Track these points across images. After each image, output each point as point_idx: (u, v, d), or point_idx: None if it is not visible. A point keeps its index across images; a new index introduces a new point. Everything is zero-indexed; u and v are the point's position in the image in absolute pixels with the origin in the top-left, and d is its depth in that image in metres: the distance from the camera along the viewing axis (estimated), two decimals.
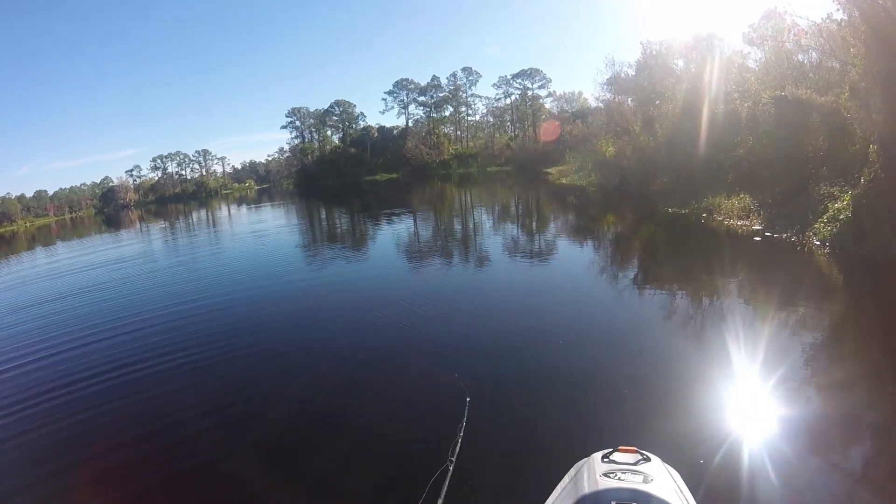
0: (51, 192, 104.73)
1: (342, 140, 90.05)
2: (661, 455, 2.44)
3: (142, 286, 13.95)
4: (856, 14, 9.18)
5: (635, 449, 2.40)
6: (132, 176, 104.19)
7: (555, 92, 75.96)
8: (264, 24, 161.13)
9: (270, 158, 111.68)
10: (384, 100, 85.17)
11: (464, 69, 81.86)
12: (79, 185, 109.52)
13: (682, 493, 2.19)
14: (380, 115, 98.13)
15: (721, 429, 4.24)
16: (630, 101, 25.66)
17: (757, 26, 17.50)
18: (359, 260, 14.75)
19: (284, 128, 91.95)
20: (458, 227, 19.93)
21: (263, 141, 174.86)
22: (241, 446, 4.93)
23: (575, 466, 2.51)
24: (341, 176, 78.50)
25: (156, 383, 6.70)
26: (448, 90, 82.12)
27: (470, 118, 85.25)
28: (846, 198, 10.31)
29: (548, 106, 73.45)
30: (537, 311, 8.26)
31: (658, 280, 9.65)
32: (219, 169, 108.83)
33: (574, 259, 12.09)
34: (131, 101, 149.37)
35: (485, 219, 22.36)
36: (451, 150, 78.10)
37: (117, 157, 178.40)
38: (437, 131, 79.85)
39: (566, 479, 2.47)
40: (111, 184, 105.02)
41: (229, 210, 50.13)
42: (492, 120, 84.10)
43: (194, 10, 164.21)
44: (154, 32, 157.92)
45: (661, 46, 22.72)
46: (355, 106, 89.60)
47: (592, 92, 57.24)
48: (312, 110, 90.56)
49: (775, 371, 5.09)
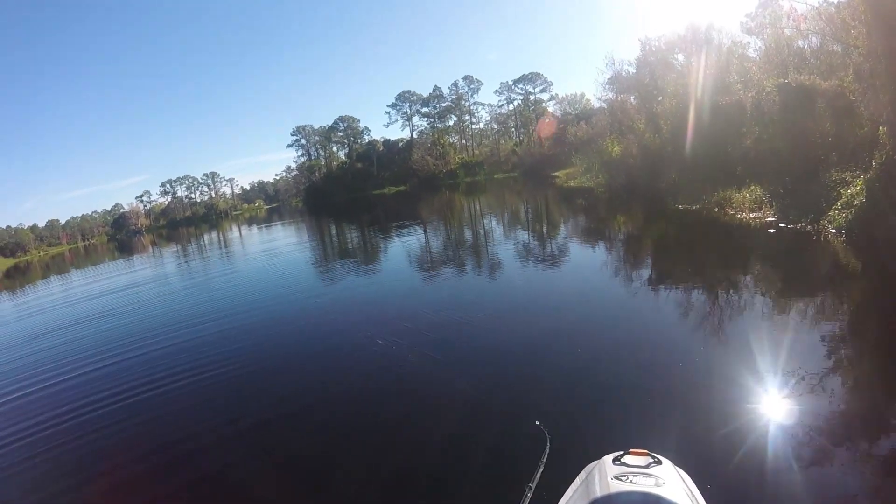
0: (63, 221, 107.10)
1: (348, 155, 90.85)
2: (673, 458, 2.39)
3: (156, 309, 14.07)
4: None
5: (647, 451, 2.35)
6: (142, 201, 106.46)
7: (557, 95, 76.44)
8: (264, 45, 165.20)
9: (278, 177, 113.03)
10: (387, 113, 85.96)
11: (465, 78, 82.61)
12: (90, 212, 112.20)
13: (694, 496, 2.14)
14: (384, 128, 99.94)
15: (736, 430, 4.06)
16: (633, 99, 25.51)
17: (754, 15, 17.37)
18: (372, 273, 14.75)
19: (290, 146, 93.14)
20: (470, 236, 19.83)
21: (270, 161, 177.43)
22: (264, 466, 4.91)
23: (586, 469, 2.47)
24: (349, 191, 79.09)
25: (171, 402, 6.77)
26: (450, 100, 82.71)
27: (474, 126, 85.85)
28: (859, 183, 10.08)
29: (551, 109, 73.68)
30: (551, 314, 8.16)
31: (673, 279, 9.46)
32: (228, 190, 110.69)
33: (586, 261, 11.94)
34: (137, 128, 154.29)
35: (495, 226, 22.26)
36: (458, 160, 78.42)
37: (126, 184, 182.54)
38: (442, 141, 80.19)
39: (577, 481, 2.43)
40: (122, 210, 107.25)
41: (240, 231, 50.63)
42: (496, 127, 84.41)
43: (194, 38, 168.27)
44: (156, 59, 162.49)
45: (660, 42, 22.61)
46: (359, 121, 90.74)
47: (595, 92, 57.52)
48: (317, 127, 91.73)
49: (795, 368, 4.88)
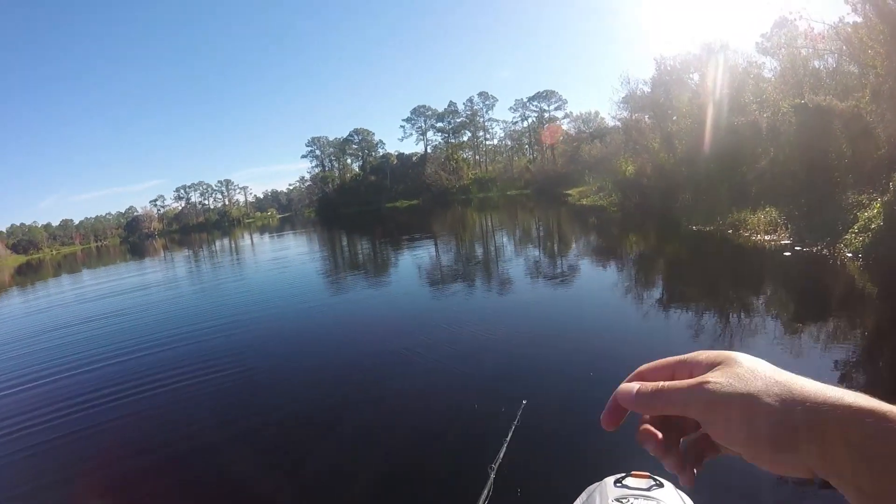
0: (76, 222, 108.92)
1: (362, 168, 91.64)
2: (675, 481, 2.30)
3: (164, 311, 14.15)
4: (872, 15, 8.87)
5: (648, 474, 2.32)
6: (156, 206, 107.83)
7: (571, 113, 76.49)
8: (283, 57, 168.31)
9: (292, 187, 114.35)
10: (402, 127, 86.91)
11: (480, 94, 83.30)
12: (104, 214, 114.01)
13: None
14: (398, 142, 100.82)
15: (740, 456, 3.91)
16: (647, 118, 25.42)
17: (769, 35, 17.27)
18: (382, 284, 14.68)
19: (305, 157, 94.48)
20: (481, 253, 19.63)
21: (284, 171, 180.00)
22: (261, 468, 4.84)
23: (587, 490, 2.46)
24: (362, 203, 79.60)
25: (171, 402, 6.84)
26: (465, 115, 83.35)
27: (488, 142, 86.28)
28: (876, 206, 9.86)
29: (565, 127, 73.67)
30: (559, 333, 7.97)
31: (685, 300, 9.23)
32: (241, 198, 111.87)
33: (598, 282, 11.66)
34: (154, 133, 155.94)
35: (507, 243, 22.08)
36: (471, 175, 78.65)
37: (141, 188, 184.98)
38: (455, 156, 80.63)
39: (577, 502, 2.43)
40: (136, 213, 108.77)
41: (252, 239, 50.91)
42: (510, 143, 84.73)
43: (216, 47, 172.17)
44: (176, 65, 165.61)
45: (675, 61, 22.63)
46: (374, 134, 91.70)
47: (609, 111, 57.55)
48: (332, 139, 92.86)
49: None
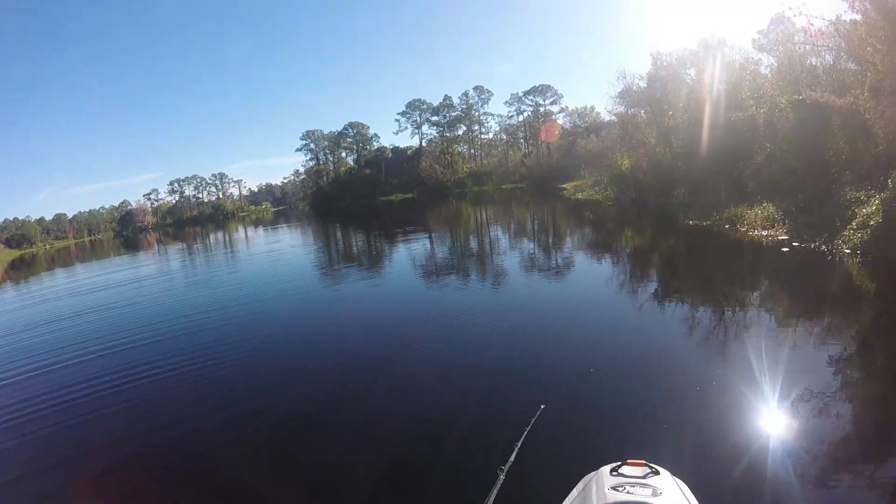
0: (70, 216, 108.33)
1: (357, 161, 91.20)
2: (671, 468, 2.39)
3: (157, 303, 14.14)
4: (872, 11, 8.87)
5: (644, 462, 2.38)
6: (150, 199, 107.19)
7: (567, 107, 76.34)
8: (277, 49, 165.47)
9: (286, 181, 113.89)
10: (397, 121, 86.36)
11: (475, 88, 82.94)
12: (97, 208, 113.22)
13: None
14: (393, 135, 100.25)
15: (736, 444, 4.00)
16: (643, 113, 25.40)
17: (766, 32, 17.29)
18: (377, 277, 14.67)
19: (299, 150, 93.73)
20: (475, 246, 19.66)
21: (279, 164, 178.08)
22: (255, 460, 4.89)
23: (583, 479, 2.51)
24: (357, 197, 79.31)
25: (162, 390, 7.02)
26: (460, 109, 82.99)
27: (483, 136, 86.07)
28: (875, 202, 9.92)
29: (560, 121, 73.52)
30: (555, 325, 8.07)
31: (681, 294, 9.29)
32: (235, 192, 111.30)
33: (594, 275, 11.72)
34: (148, 127, 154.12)
35: (501, 236, 22.09)
36: (466, 169, 78.46)
37: (135, 182, 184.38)
38: (450, 150, 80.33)
39: (574, 492, 2.48)
40: (129, 207, 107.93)
41: (246, 232, 50.71)
42: (505, 137, 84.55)
43: (207, 38, 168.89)
44: (170, 59, 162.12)
45: (671, 57, 22.58)
46: (369, 127, 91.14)
47: (605, 105, 57.53)
48: (327, 132, 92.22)
49: (801, 387, 4.77)
